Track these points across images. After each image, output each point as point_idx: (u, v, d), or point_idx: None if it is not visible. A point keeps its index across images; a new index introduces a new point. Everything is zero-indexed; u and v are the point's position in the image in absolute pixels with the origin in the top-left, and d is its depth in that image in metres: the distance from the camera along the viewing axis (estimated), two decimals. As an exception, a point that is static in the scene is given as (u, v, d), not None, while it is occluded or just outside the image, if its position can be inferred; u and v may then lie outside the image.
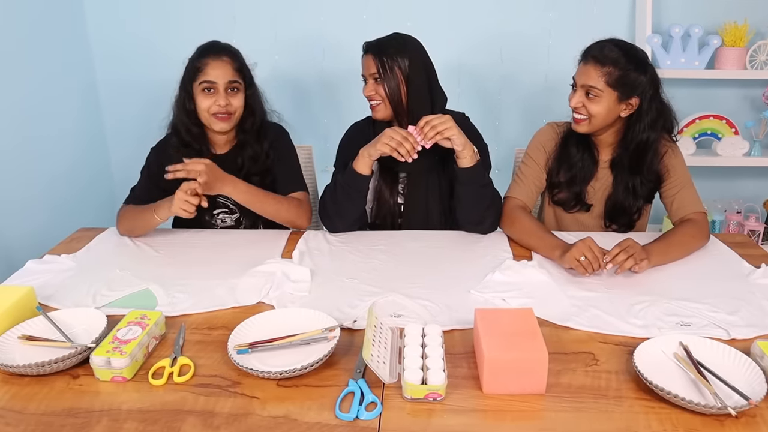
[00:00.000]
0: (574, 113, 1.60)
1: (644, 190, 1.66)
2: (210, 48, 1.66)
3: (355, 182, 1.60)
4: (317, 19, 2.51)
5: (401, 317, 1.21)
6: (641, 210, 1.70)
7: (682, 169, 1.65)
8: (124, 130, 2.67)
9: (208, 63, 1.62)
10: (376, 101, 1.64)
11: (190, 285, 1.36)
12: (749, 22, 2.35)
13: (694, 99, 2.54)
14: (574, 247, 1.36)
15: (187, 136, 1.68)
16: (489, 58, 2.54)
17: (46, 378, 1.02)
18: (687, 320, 1.18)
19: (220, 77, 1.62)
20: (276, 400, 0.96)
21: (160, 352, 1.11)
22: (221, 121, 1.65)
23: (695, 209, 1.60)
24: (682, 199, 1.61)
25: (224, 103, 1.63)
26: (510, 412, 0.93)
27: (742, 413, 0.90)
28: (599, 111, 1.55)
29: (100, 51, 2.58)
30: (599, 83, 1.53)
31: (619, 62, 1.52)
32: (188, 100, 1.66)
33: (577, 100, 1.57)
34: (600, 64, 1.53)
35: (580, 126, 1.61)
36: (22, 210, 2.14)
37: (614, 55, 1.52)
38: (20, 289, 1.21)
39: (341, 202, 1.63)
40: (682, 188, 1.62)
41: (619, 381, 1.00)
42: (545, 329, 1.13)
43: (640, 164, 1.62)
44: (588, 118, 1.58)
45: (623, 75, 1.52)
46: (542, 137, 1.74)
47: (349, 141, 1.77)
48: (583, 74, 1.56)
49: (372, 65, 1.61)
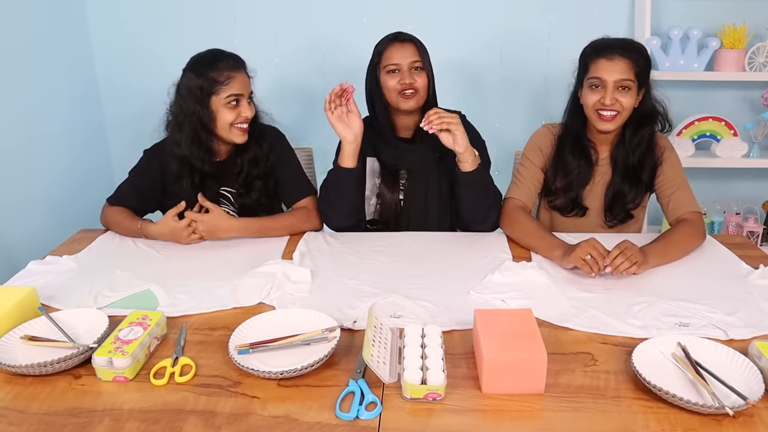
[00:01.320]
0: (602, 111, 1.59)
1: (645, 175, 1.67)
2: (225, 58, 1.61)
3: (340, 176, 1.63)
4: (317, 21, 2.52)
5: (401, 318, 1.22)
6: (642, 198, 1.71)
7: (678, 169, 1.67)
8: (125, 131, 2.67)
9: (233, 77, 1.59)
10: (412, 90, 1.65)
11: (192, 286, 1.37)
12: (748, 24, 2.36)
13: (693, 101, 2.54)
14: (578, 247, 1.37)
15: (199, 151, 1.62)
16: (489, 60, 2.54)
17: (49, 378, 1.03)
18: (685, 321, 1.19)
19: (244, 89, 1.62)
20: (277, 400, 0.97)
21: (162, 352, 1.11)
22: (244, 134, 1.64)
23: (691, 209, 1.61)
24: (678, 199, 1.63)
25: (250, 114, 1.63)
26: (509, 412, 0.94)
27: (740, 413, 0.91)
28: (630, 104, 1.58)
29: (101, 52, 2.58)
30: (631, 75, 1.56)
31: (642, 54, 1.58)
32: (205, 114, 1.59)
33: (612, 96, 1.56)
34: (627, 57, 1.56)
35: (611, 123, 1.59)
36: (23, 211, 2.14)
37: (638, 47, 1.59)
38: (22, 289, 1.22)
39: (331, 197, 1.67)
40: (677, 189, 1.64)
41: (618, 381, 1.00)
42: (544, 330, 1.14)
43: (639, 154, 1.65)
44: (618, 113, 1.58)
45: (646, 67, 1.58)
46: (538, 139, 1.76)
47: None
48: (613, 69, 1.56)
49: (414, 53, 1.64)
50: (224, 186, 1.74)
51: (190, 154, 1.62)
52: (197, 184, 1.67)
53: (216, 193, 1.73)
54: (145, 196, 1.74)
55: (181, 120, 1.61)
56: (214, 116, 1.60)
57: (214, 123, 1.61)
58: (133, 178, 1.75)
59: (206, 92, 1.58)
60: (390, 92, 1.66)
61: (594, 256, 1.35)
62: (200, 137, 1.61)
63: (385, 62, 1.65)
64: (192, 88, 1.58)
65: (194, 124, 1.60)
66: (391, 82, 1.64)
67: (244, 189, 1.73)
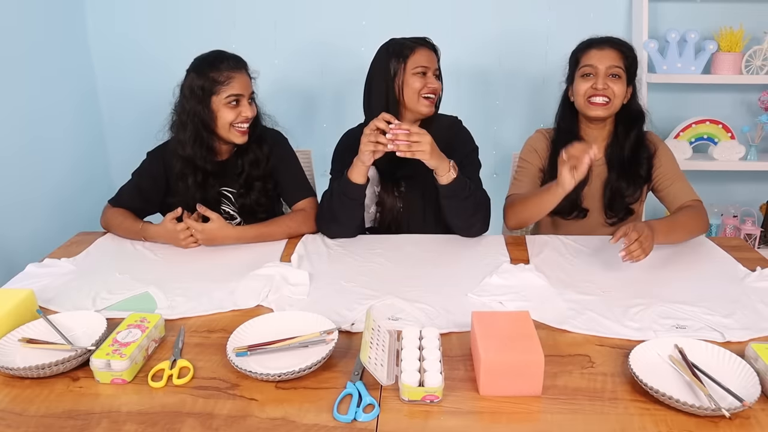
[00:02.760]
0: (594, 98, 1.64)
1: (642, 168, 1.70)
2: (227, 59, 1.63)
3: (350, 191, 1.61)
4: (316, 24, 2.52)
5: (399, 320, 1.22)
6: (640, 192, 1.73)
7: (673, 162, 1.71)
8: (124, 135, 2.68)
9: (233, 77, 1.61)
10: (434, 96, 1.67)
11: (190, 288, 1.37)
12: (745, 28, 2.37)
13: (690, 104, 2.55)
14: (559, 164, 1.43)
15: (201, 150, 1.64)
16: (487, 63, 2.55)
17: (47, 380, 1.03)
18: (682, 323, 1.19)
19: (245, 89, 1.63)
20: (274, 402, 0.97)
21: (160, 354, 1.11)
22: (243, 134, 1.65)
23: (691, 197, 1.64)
24: (677, 190, 1.66)
25: (251, 114, 1.64)
26: (506, 414, 0.94)
27: (736, 415, 0.91)
28: (622, 91, 1.64)
29: (99, 56, 2.59)
30: (621, 64, 1.63)
31: (631, 50, 1.66)
32: (206, 113, 1.61)
33: (603, 82, 1.62)
34: (617, 49, 1.63)
35: (602, 109, 1.64)
36: (22, 213, 2.14)
37: (626, 43, 1.67)
38: (20, 292, 1.22)
39: (338, 210, 1.64)
40: (675, 180, 1.67)
41: (615, 383, 1.01)
42: (541, 332, 1.14)
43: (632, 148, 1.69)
44: (610, 101, 1.63)
45: (633, 62, 1.66)
46: (533, 142, 1.79)
47: (344, 148, 1.79)
48: (605, 57, 1.63)
49: (436, 61, 1.67)
50: (225, 186, 1.75)
51: (193, 153, 1.64)
52: (200, 182, 1.68)
53: (217, 192, 1.74)
54: (147, 198, 1.75)
55: (185, 119, 1.63)
56: (215, 116, 1.62)
57: (215, 123, 1.62)
58: (136, 179, 1.76)
59: (207, 92, 1.60)
60: (414, 93, 1.63)
61: (573, 153, 1.39)
62: (202, 136, 1.63)
63: (414, 63, 1.63)
64: (194, 88, 1.61)
65: (196, 124, 1.62)
66: (418, 84, 1.63)
67: (245, 189, 1.74)
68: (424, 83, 1.63)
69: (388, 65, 1.65)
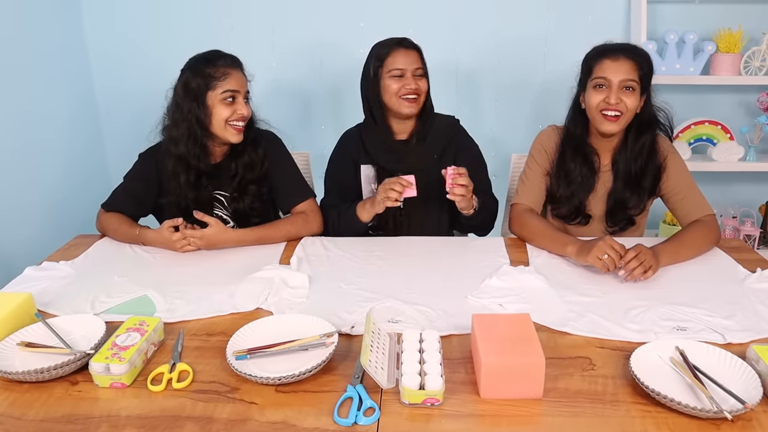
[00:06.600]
0: (607, 111, 1.58)
1: (647, 181, 1.66)
2: (223, 57, 1.63)
3: (356, 224, 1.69)
4: (314, 26, 2.52)
5: (399, 323, 1.22)
6: (644, 204, 1.71)
7: (684, 173, 1.66)
8: (121, 137, 2.67)
9: (229, 73, 1.60)
10: (415, 95, 1.67)
11: (189, 291, 1.37)
12: (743, 29, 2.37)
13: (689, 105, 2.55)
14: (595, 246, 1.39)
15: (195, 149, 1.62)
16: (485, 65, 2.55)
17: (45, 384, 1.03)
18: (683, 325, 1.19)
19: (241, 86, 1.62)
20: (274, 406, 0.97)
21: (159, 358, 1.11)
22: (239, 133, 1.64)
23: (704, 212, 1.61)
24: (689, 203, 1.62)
25: (247, 112, 1.63)
26: (507, 417, 0.94)
27: (738, 417, 0.91)
28: (634, 105, 1.58)
29: (97, 58, 2.59)
30: (635, 76, 1.56)
31: (646, 58, 1.59)
32: (201, 110, 1.60)
33: (617, 96, 1.56)
34: (632, 59, 1.56)
35: (614, 124, 1.58)
36: (20, 216, 2.14)
37: (642, 52, 1.59)
38: (19, 295, 1.21)
39: (344, 231, 1.72)
40: (687, 193, 1.63)
41: (616, 385, 1.00)
42: (542, 334, 1.14)
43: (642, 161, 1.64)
44: (622, 114, 1.57)
45: (648, 72, 1.59)
46: (544, 140, 1.74)
47: (341, 150, 1.79)
48: (619, 70, 1.56)
49: (418, 60, 1.68)
50: (218, 190, 1.74)
51: (186, 151, 1.62)
52: (192, 182, 1.67)
53: (210, 196, 1.73)
54: (140, 200, 1.74)
55: (178, 117, 1.62)
56: (210, 112, 1.60)
57: (210, 120, 1.61)
58: (127, 182, 1.75)
59: (202, 88, 1.59)
60: (391, 96, 1.67)
61: (611, 255, 1.36)
62: (196, 134, 1.62)
63: (389, 66, 1.66)
64: (189, 85, 1.60)
65: (190, 121, 1.61)
66: (395, 86, 1.65)
67: (238, 193, 1.73)
68: (401, 84, 1.65)
69: (369, 69, 1.69)
